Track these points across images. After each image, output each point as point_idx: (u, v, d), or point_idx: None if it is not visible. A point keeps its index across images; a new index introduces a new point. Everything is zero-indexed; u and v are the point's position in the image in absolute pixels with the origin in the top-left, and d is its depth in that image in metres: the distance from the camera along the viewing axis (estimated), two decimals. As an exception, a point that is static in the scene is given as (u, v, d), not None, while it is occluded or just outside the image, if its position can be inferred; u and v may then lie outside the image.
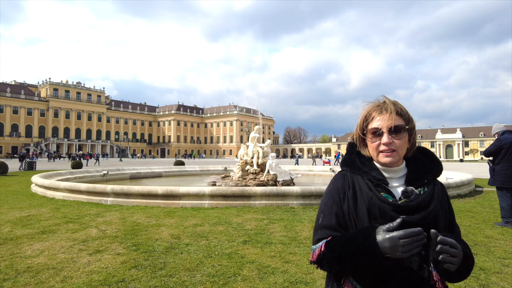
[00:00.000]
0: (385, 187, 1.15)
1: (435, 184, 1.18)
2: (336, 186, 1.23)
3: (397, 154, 1.14)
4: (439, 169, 1.22)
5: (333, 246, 1.09)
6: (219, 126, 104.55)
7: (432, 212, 1.10)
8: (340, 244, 1.07)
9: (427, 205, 1.10)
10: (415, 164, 1.20)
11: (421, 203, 1.09)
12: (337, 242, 1.09)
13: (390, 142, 1.12)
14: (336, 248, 1.08)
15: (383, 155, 1.14)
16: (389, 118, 1.13)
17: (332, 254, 1.09)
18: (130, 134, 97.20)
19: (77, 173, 14.49)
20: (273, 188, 8.09)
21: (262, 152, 12.02)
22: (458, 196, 9.56)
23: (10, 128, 72.64)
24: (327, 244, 1.12)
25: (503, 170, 5.76)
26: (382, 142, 1.13)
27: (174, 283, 3.23)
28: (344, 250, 1.05)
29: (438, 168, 1.22)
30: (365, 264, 1.02)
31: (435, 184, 1.18)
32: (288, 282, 3.25)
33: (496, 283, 3.29)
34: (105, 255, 4.07)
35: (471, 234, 5.15)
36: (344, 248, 1.06)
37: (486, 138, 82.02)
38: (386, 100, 1.19)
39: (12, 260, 3.88)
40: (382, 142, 1.13)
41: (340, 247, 1.07)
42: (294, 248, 4.39)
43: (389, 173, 1.19)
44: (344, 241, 1.07)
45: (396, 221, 1.00)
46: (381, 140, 1.13)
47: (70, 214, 6.70)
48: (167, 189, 7.94)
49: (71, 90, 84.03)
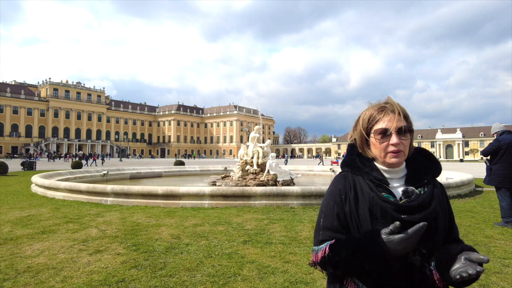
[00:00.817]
0: (386, 187, 1.15)
1: (435, 184, 1.19)
2: (337, 187, 1.23)
3: (404, 154, 1.15)
4: (438, 169, 1.24)
5: (338, 250, 1.09)
6: (219, 126, 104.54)
7: (433, 212, 1.11)
8: (347, 249, 1.08)
9: (428, 204, 1.11)
10: (414, 165, 1.22)
11: (422, 203, 1.10)
12: (343, 246, 1.09)
13: (399, 143, 1.13)
14: (342, 252, 1.08)
15: (391, 156, 1.15)
16: (397, 119, 1.14)
17: (338, 257, 1.09)
18: (130, 134, 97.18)
19: (77, 173, 14.49)
20: (273, 188, 8.09)
21: (262, 152, 12.03)
22: (458, 196, 9.56)
23: (10, 128, 72.63)
24: (332, 247, 1.11)
25: (499, 170, 5.78)
26: (391, 143, 1.13)
27: (174, 283, 3.23)
28: (351, 255, 1.06)
29: (437, 168, 1.24)
30: (373, 267, 1.04)
31: (435, 184, 1.19)
32: (288, 282, 3.25)
33: (496, 283, 3.29)
34: (105, 255, 4.08)
35: (471, 234, 5.15)
36: (352, 252, 1.06)
37: (486, 138, 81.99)
38: (392, 102, 1.19)
39: (12, 260, 3.88)
40: (391, 142, 1.13)
41: (346, 251, 1.07)
42: (294, 248, 4.39)
43: (390, 174, 1.19)
44: (351, 246, 1.07)
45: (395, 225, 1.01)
46: (390, 141, 1.14)
47: (70, 214, 6.70)
48: (167, 189, 7.94)
49: (71, 90, 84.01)
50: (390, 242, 1.00)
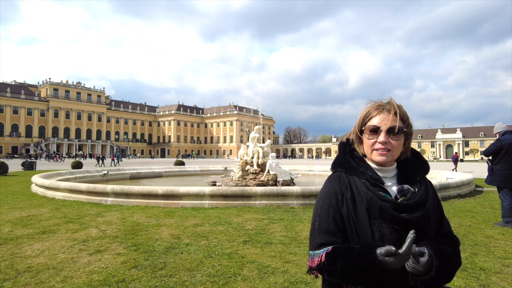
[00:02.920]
0: (382, 186, 1.16)
1: (426, 182, 1.21)
2: (332, 189, 1.21)
3: (391, 154, 1.15)
4: (427, 168, 1.26)
5: (334, 260, 1.08)
6: (219, 126, 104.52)
7: (429, 210, 1.13)
8: (343, 260, 1.07)
9: (424, 202, 1.13)
10: (405, 164, 1.23)
11: (419, 201, 1.12)
12: (339, 257, 1.08)
13: (386, 141, 1.13)
14: (338, 263, 1.07)
15: (377, 153, 1.16)
16: (390, 118, 1.15)
17: (334, 268, 1.08)
18: (130, 134, 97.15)
19: (77, 173, 14.49)
20: (273, 188, 8.09)
21: (262, 152, 12.02)
22: (458, 196, 9.55)
23: (10, 128, 72.60)
24: (328, 256, 1.10)
25: (501, 170, 5.78)
26: (379, 141, 1.14)
27: (174, 283, 3.23)
28: (347, 267, 1.06)
29: (426, 166, 1.26)
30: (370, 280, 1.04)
31: (426, 182, 1.21)
32: (289, 282, 3.25)
33: (497, 283, 3.28)
34: (105, 255, 4.07)
35: (471, 234, 5.15)
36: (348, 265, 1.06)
37: (486, 138, 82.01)
38: (392, 102, 1.19)
39: (12, 260, 3.88)
40: (379, 140, 1.14)
41: (342, 263, 1.07)
42: (294, 248, 4.39)
43: (382, 173, 1.20)
44: (348, 258, 1.06)
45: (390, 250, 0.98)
46: (378, 138, 1.15)
47: (70, 214, 6.70)
48: (167, 189, 7.94)
49: (71, 90, 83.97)
50: (386, 263, 0.99)
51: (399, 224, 1.10)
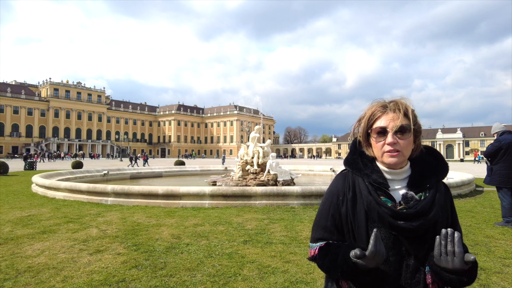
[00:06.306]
0: (385, 190, 1.13)
1: (438, 189, 1.14)
2: (336, 188, 1.23)
3: (402, 154, 1.11)
4: (445, 171, 1.18)
5: (324, 256, 1.16)
6: (219, 126, 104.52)
7: (432, 219, 1.08)
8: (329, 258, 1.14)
9: (426, 212, 1.08)
10: (420, 166, 1.17)
11: (420, 211, 1.07)
12: (328, 253, 1.15)
13: (394, 142, 1.09)
14: (325, 258, 1.15)
15: (387, 155, 1.12)
16: (395, 118, 1.11)
17: (322, 262, 1.17)
18: (131, 134, 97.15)
19: (78, 173, 14.50)
20: (274, 188, 8.09)
21: (262, 152, 12.02)
22: (459, 196, 9.57)
23: (10, 128, 72.64)
24: (320, 251, 1.18)
25: (500, 170, 5.79)
26: (387, 142, 1.10)
27: (174, 283, 3.23)
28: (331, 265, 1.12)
29: (444, 169, 1.18)
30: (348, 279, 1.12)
31: (438, 189, 1.14)
32: (289, 282, 3.25)
33: (497, 283, 3.28)
34: (106, 255, 4.08)
35: (471, 234, 5.15)
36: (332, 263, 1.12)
37: (486, 138, 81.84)
38: (398, 100, 1.16)
39: (12, 260, 3.88)
40: (387, 142, 1.10)
41: (329, 259, 1.14)
42: (295, 248, 4.39)
43: (391, 175, 1.16)
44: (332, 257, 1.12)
45: (356, 253, 0.98)
46: (386, 140, 1.11)
47: (70, 214, 6.71)
48: (167, 189, 7.94)
49: (71, 90, 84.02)
50: (358, 264, 1.01)
51: (396, 231, 1.08)
